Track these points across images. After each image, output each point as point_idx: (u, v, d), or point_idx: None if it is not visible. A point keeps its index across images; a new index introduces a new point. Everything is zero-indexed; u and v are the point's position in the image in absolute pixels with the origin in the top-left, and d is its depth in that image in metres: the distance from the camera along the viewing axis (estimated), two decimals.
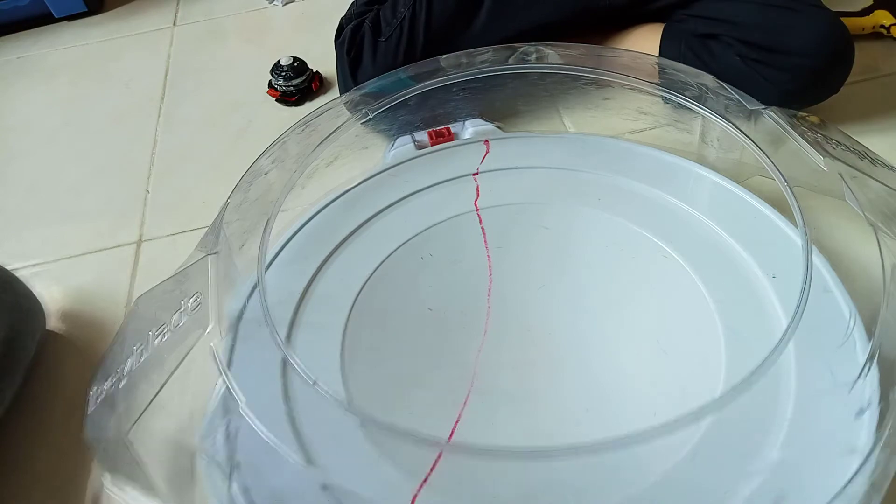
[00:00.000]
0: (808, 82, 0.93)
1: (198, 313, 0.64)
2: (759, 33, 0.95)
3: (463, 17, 1.01)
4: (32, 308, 0.85)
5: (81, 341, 0.89)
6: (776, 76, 0.93)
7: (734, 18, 0.98)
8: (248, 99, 1.23)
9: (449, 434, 0.67)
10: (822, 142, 0.76)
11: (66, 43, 1.44)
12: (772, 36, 0.94)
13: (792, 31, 0.93)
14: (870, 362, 0.62)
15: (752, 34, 0.95)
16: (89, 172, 1.14)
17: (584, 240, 0.85)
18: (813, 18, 0.94)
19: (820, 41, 0.92)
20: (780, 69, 0.93)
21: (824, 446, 0.62)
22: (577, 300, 0.80)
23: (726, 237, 0.82)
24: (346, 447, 0.65)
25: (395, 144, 0.97)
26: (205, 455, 0.59)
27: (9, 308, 0.80)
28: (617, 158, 0.93)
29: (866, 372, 0.62)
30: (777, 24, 0.95)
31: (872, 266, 0.67)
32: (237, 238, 0.76)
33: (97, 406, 0.65)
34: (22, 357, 0.80)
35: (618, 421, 0.69)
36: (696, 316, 0.76)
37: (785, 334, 0.59)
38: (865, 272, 0.77)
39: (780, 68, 0.93)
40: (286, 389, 0.69)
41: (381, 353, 0.76)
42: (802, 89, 0.94)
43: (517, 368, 0.74)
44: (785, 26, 0.94)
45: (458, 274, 0.83)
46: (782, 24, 0.94)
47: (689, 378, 0.71)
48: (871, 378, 0.63)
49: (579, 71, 0.88)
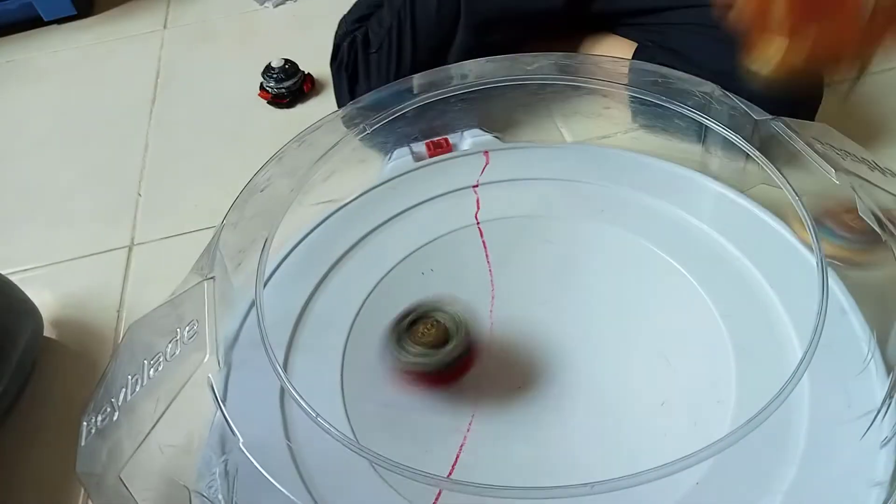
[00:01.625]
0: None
1: (194, 343, 0.62)
2: (710, 68, 0.89)
3: (445, 19, 1.00)
4: (27, 311, 0.84)
5: (73, 346, 0.88)
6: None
7: (685, 50, 0.95)
8: (239, 101, 1.22)
9: (452, 463, 0.66)
10: (832, 153, 0.74)
11: (55, 46, 1.42)
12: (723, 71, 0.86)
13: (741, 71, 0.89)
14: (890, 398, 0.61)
15: (702, 68, 0.90)
16: (80, 176, 1.13)
17: (588, 253, 0.83)
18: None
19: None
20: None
21: (841, 479, 0.61)
22: (582, 316, 0.78)
23: (733, 250, 0.80)
24: (350, 481, 0.64)
25: (393, 157, 0.95)
26: (201, 495, 0.57)
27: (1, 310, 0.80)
28: (620, 169, 0.91)
29: (887, 407, 0.60)
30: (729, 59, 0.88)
31: (888, 282, 0.66)
32: (233, 258, 0.74)
33: (89, 439, 0.63)
34: (13, 359, 0.79)
35: (627, 443, 0.68)
36: (704, 332, 0.74)
37: (801, 363, 0.57)
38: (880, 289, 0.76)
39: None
40: (285, 420, 0.68)
41: (383, 376, 0.74)
42: None
43: (522, 387, 0.73)
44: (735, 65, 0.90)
45: (459, 290, 0.80)
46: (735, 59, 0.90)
47: (699, 398, 0.70)
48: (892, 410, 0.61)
49: (579, 81, 0.86)
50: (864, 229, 0.70)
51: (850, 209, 0.74)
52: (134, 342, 0.69)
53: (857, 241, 0.77)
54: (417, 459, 0.66)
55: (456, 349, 0.69)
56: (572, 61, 0.88)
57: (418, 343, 0.69)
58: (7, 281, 0.84)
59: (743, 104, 0.80)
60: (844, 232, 0.78)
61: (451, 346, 0.69)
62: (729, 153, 0.87)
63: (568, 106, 1.05)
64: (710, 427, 0.67)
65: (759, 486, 0.62)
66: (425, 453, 0.68)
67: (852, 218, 0.75)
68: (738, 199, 0.85)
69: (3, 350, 0.78)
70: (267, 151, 0.83)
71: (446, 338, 0.69)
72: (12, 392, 0.81)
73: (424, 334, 0.69)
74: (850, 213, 0.76)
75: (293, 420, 0.68)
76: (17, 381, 0.81)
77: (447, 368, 0.69)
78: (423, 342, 0.69)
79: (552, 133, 1.04)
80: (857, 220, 0.71)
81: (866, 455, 0.61)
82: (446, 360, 0.69)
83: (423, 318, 0.70)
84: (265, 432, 0.66)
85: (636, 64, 0.92)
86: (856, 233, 0.77)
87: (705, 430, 0.67)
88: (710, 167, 0.90)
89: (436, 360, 0.68)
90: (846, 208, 0.76)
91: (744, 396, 0.68)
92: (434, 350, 0.69)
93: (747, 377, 0.70)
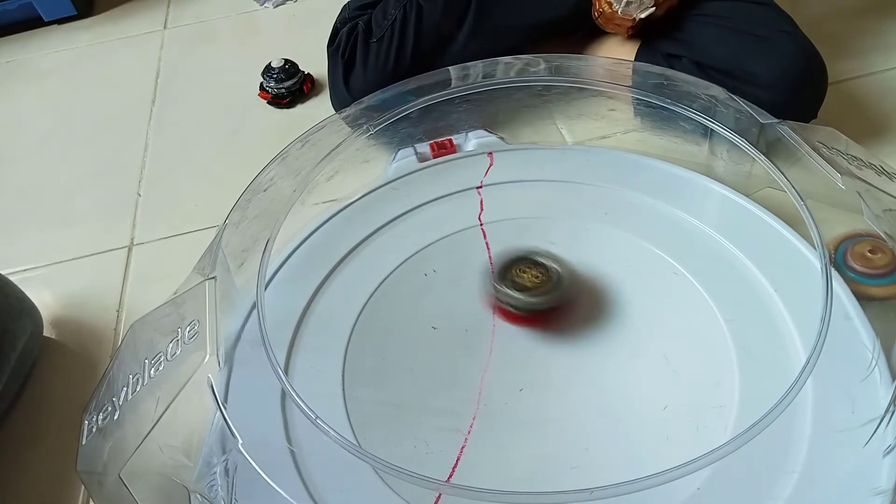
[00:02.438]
0: (772, 114, 0.84)
1: (195, 343, 0.62)
2: (718, 59, 0.92)
3: (451, 18, 1.00)
4: (27, 310, 0.84)
5: (73, 346, 0.88)
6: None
7: (694, 39, 0.95)
8: (239, 101, 1.22)
9: (453, 465, 0.65)
10: (838, 157, 0.74)
11: (56, 46, 1.42)
12: (731, 63, 0.91)
13: (753, 60, 0.90)
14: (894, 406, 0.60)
15: (710, 58, 0.93)
16: (80, 176, 1.13)
17: (591, 256, 0.82)
18: (778, 47, 0.91)
19: (781, 73, 0.89)
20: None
21: (843, 487, 0.60)
22: (585, 318, 0.77)
23: (737, 253, 0.80)
24: (350, 482, 0.63)
25: (397, 157, 0.95)
26: (201, 496, 0.56)
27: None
28: (624, 171, 0.91)
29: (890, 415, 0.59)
30: (738, 52, 0.92)
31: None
32: (236, 257, 0.74)
33: (90, 438, 0.62)
34: (12, 359, 0.78)
35: (629, 446, 0.67)
36: (707, 336, 0.74)
37: (804, 369, 0.57)
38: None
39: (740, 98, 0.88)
40: (286, 420, 0.67)
41: (384, 376, 0.74)
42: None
43: (524, 389, 0.72)
44: (746, 54, 0.91)
45: (462, 291, 0.80)
46: (744, 52, 0.91)
47: (701, 401, 0.69)
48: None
49: (584, 83, 0.85)
50: (889, 265, 0.70)
51: (873, 246, 0.74)
52: (136, 341, 0.68)
53: (882, 277, 0.77)
54: (418, 460, 0.66)
55: (548, 301, 0.75)
56: (576, 63, 0.88)
57: (518, 283, 0.75)
58: (6, 281, 0.83)
59: (749, 107, 0.80)
60: (868, 269, 0.77)
61: (545, 297, 0.75)
62: (734, 156, 0.87)
63: (573, 108, 1.04)
64: (712, 432, 0.66)
65: (760, 492, 0.62)
66: (427, 454, 0.67)
67: (876, 255, 0.76)
68: (743, 203, 0.85)
69: (1, 350, 0.77)
70: (267, 151, 0.83)
71: (545, 286, 0.75)
72: (11, 392, 0.80)
73: (526, 277, 0.75)
74: (873, 251, 0.76)
75: (294, 420, 0.68)
76: (17, 381, 0.81)
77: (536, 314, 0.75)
78: (524, 285, 0.75)
79: (556, 134, 1.04)
80: (881, 255, 0.72)
81: (869, 463, 0.61)
82: (538, 306, 0.75)
83: (530, 263, 0.76)
84: (266, 433, 0.66)
85: (641, 66, 0.92)
86: (879, 268, 0.77)
87: (707, 435, 0.66)
88: (716, 170, 0.90)
89: (528, 303, 0.74)
90: (869, 246, 0.77)
91: (746, 402, 0.68)
92: (530, 293, 0.74)
93: (750, 382, 0.69)
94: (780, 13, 0.96)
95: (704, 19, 0.97)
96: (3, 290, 0.82)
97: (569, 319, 0.76)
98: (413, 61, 0.99)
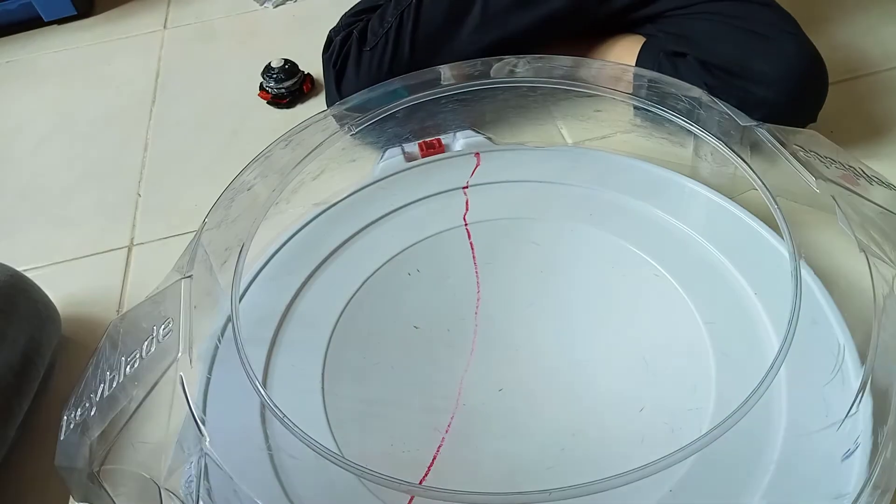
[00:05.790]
0: (773, 114, 0.86)
1: (168, 341, 0.62)
2: (722, 57, 0.92)
3: (450, 26, 1.00)
4: (51, 315, 0.83)
5: (72, 347, 0.88)
6: (739, 105, 0.85)
7: (699, 38, 0.95)
8: (239, 101, 1.22)
9: (429, 465, 0.66)
10: (815, 161, 0.74)
11: (55, 46, 1.42)
12: (735, 62, 0.91)
13: (757, 58, 0.90)
14: (861, 392, 0.60)
15: (714, 56, 0.93)
16: (80, 176, 1.14)
17: (574, 257, 0.83)
18: (782, 47, 0.91)
19: (785, 72, 0.89)
20: (742, 98, 0.88)
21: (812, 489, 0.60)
22: (566, 319, 0.78)
23: (718, 255, 0.80)
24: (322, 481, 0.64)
25: (384, 156, 0.95)
26: (170, 492, 0.57)
27: (27, 316, 0.78)
28: (609, 172, 0.91)
29: (854, 410, 0.60)
30: (743, 50, 0.92)
31: (867, 286, 0.65)
32: (219, 255, 0.75)
33: (68, 434, 0.63)
34: (40, 368, 0.78)
35: (605, 447, 0.67)
36: (686, 338, 0.74)
37: (771, 367, 0.57)
38: (861, 293, 0.75)
39: (742, 97, 0.88)
40: (264, 418, 0.68)
41: (364, 375, 0.74)
42: (767, 120, 0.90)
43: (504, 389, 0.73)
44: (751, 53, 0.91)
45: (445, 291, 0.81)
46: (748, 51, 0.91)
47: (678, 403, 0.69)
48: (861, 414, 0.61)
49: (569, 84, 0.85)
50: None
51: None
52: (114, 339, 0.69)
53: None
54: (394, 459, 0.67)
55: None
56: (563, 64, 0.88)
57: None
58: (32, 285, 0.82)
59: (729, 110, 0.80)
60: None
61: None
62: (718, 158, 0.87)
63: (559, 108, 1.04)
64: (688, 433, 0.66)
65: (732, 493, 0.62)
66: (403, 453, 0.68)
67: None
68: (725, 205, 0.85)
69: (31, 363, 0.76)
70: None
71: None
72: (30, 402, 0.78)
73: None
74: None
75: (271, 419, 0.68)
76: (36, 388, 0.79)
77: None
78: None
79: (543, 135, 1.04)
80: None
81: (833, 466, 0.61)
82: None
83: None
84: (241, 431, 0.66)
85: (629, 68, 0.92)
86: None
87: (683, 436, 0.66)
88: (701, 172, 0.90)
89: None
90: None
91: (722, 404, 0.68)
92: None
93: (727, 384, 0.69)
94: (783, 13, 0.96)
95: (709, 17, 0.97)
96: (30, 294, 0.81)
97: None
98: (407, 70, 0.98)
